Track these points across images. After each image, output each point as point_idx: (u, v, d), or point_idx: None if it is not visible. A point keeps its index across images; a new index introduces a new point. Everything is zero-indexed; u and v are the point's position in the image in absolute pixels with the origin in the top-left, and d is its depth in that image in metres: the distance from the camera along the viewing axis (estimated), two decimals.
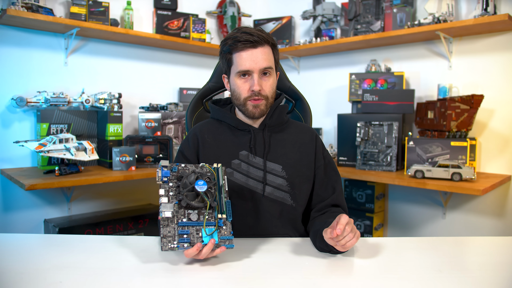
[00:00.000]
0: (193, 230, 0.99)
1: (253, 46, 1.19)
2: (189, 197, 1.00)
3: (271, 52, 1.23)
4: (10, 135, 2.25)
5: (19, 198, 2.28)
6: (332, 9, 2.87)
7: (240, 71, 1.21)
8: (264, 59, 1.20)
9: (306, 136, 1.32)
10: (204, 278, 0.94)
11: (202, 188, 1.00)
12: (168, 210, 0.99)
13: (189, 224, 0.99)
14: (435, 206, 2.50)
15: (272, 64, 1.22)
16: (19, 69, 2.28)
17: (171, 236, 0.97)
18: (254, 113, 1.23)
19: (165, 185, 1.01)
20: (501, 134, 2.26)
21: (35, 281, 0.90)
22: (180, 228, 0.98)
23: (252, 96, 1.21)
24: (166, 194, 1.01)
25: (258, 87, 1.19)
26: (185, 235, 0.98)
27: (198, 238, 0.98)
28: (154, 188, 2.85)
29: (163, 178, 1.02)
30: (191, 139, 1.29)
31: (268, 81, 1.23)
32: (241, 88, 1.22)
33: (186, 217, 1.00)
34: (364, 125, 2.44)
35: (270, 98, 1.24)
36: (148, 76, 2.83)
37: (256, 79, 1.20)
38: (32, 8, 2.13)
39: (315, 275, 0.97)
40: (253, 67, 1.19)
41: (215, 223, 1.01)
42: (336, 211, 1.25)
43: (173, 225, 0.98)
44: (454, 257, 1.12)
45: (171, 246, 0.96)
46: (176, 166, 1.04)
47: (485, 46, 2.31)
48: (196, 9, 3.04)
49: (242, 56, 1.20)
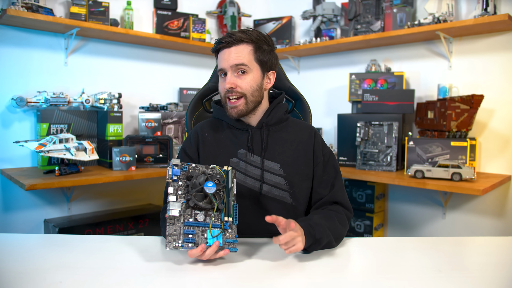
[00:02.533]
0: (199, 230, 0.99)
1: (227, 46, 1.23)
2: (197, 197, 1.00)
3: (249, 50, 1.23)
4: (10, 135, 2.25)
5: (19, 198, 2.28)
6: (332, 9, 2.87)
7: (218, 71, 1.26)
8: (236, 57, 1.21)
9: (304, 134, 1.32)
10: (204, 278, 0.94)
11: (211, 190, 1.00)
12: (176, 209, 0.99)
13: (195, 225, 0.99)
14: (435, 206, 2.50)
15: (246, 61, 1.22)
16: (19, 69, 2.28)
17: (176, 235, 0.97)
18: (231, 113, 1.25)
19: (174, 184, 1.01)
20: (501, 134, 2.26)
21: (35, 281, 0.90)
22: (186, 228, 0.99)
23: (227, 94, 1.23)
24: (175, 193, 1.00)
25: (228, 84, 1.21)
26: (190, 235, 0.98)
27: (203, 239, 0.99)
28: (154, 188, 2.85)
29: (173, 177, 1.01)
30: (193, 137, 1.31)
31: (245, 79, 1.23)
32: (220, 87, 1.28)
33: (192, 217, 1.00)
34: (364, 125, 2.44)
35: (250, 96, 1.24)
36: (148, 76, 2.83)
37: (228, 77, 1.22)
38: (32, 8, 2.13)
39: (315, 275, 0.97)
40: (225, 65, 1.22)
41: (221, 225, 1.01)
42: (333, 209, 1.23)
43: (179, 224, 0.98)
44: (454, 257, 1.12)
45: (175, 245, 0.96)
46: (186, 165, 1.03)
47: (485, 46, 2.31)
48: (196, 9, 3.04)
49: (219, 56, 1.26)
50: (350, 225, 2.63)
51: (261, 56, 1.25)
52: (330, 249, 1.14)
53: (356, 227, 2.64)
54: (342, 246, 1.18)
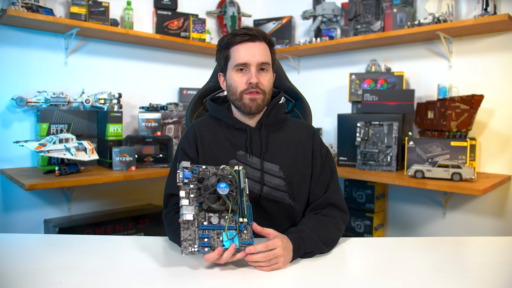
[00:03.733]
0: (214, 233, 0.97)
1: (251, 40, 1.20)
2: (211, 199, 0.98)
3: (268, 49, 1.24)
4: (10, 135, 2.25)
5: (19, 198, 2.28)
6: (332, 9, 2.87)
7: (237, 64, 1.20)
8: (262, 53, 1.20)
9: (303, 134, 1.31)
10: (204, 278, 0.94)
11: (224, 191, 0.97)
12: (190, 213, 0.96)
13: (210, 228, 0.96)
14: (435, 206, 2.50)
15: (269, 61, 1.23)
16: (19, 69, 2.28)
17: (192, 240, 0.94)
18: (251, 106, 1.21)
19: (185, 187, 0.98)
20: (501, 134, 2.26)
21: (35, 281, 0.90)
22: (201, 232, 0.96)
23: (249, 89, 1.20)
24: (187, 196, 0.98)
25: (255, 79, 1.19)
26: (205, 239, 0.95)
27: (219, 242, 0.96)
28: (154, 188, 2.85)
29: (184, 180, 0.99)
30: (191, 136, 1.28)
31: (266, 76, 1.22)
32: (237, 82, 1.21)
33: (207, 220, 0.97)
34: (364, 125, 2.44)
35: (267, 94, 1.23)
36: (148, 76, 2.83)
37: (253, 72, 1.19)
38: (32, 8, 2.13)
39: (315, 275, 0.97)
40: (251, 60, 1.19)
41: (236, 227, 0.98)
42: (328, 214, 1.21)
43: (193, 228, 0.95)
44: (454, 257, 1.12)
45: (191, 250, 0.93)
46: (196, 167, 1.01)
47: (485, 46, 2.31)
48: (196, 9, 3.04)
49: (239, 49, 1.20)
50: (350, 225, 2.65)
51: (273, 57, 1.27)
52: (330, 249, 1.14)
53: (356, 227, 2.64)
54: (342, 246, 1.18)
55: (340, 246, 1.17)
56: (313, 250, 1.07)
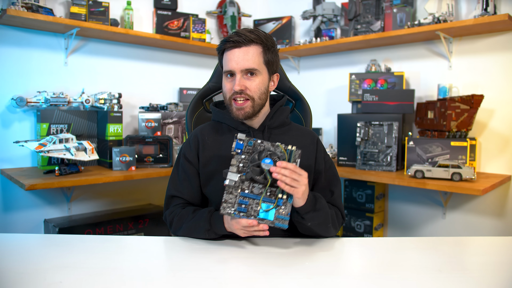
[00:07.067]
0: (253, 202, 1.05)
1: (236, 46, 1.20)
2: (254, 172, 1.04)
3: (259, 52, 1.21)
4: (10, 135, 2.25)
5: (19, 198, 2.28)
6: (332, 9, 2.87)
7: (225, 71, 1.23)
8: (247, 59, 1.19)
9: (307, 139, 1.31)
10: (204, 278, 0.94)
11: (267, 166, 1.03)
12: (233, 179, 1.05)
13: (250, 196, 1.05)
14: (435, 206, 2.50)
15: (256, 65, 1.20)
16: (19, 69, 2.28)
17: (231, 203, 1.04)
18: (237, 115, 1.23)
19: (238, 156, 1.07)
20: (501, 134, 2.26)
21: (35, 281, 0.90)
22: (241, 198, 1.05)
23: (234, 96, 1.21)
24: (236, 164, 1.06)
25: (238, 87, 1.19)
26: (243, 205, 1.04)
27: (255, 211, 1.04)
28: (154, 188, 2.85)
29: (236, 149, 1.07)
30: (192, 141, 1.29)
31: (254, 82, 1.21)
32: (226, 88, 1.24)
33: (249, 189, 1.05)
34: (364, 125, 2.44)
35: (258, 99, 1.22)
36: (148, 76, 2.83)
37: (238, 79, 1.19)
38: (32, 8, 2.13)
39: (315, 275, 0.97)
40: (234, 67, 1.20)
41: (275, 201, 1.05)
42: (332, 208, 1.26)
43: (235, 193, 1.05)
44: (454, 257, 1.12)
45: (228, 211, 1.04)
46: (252, 140, 1.08)
47: (485, 46, 2.31)
48: (196, 9, 3.04)
49: (227, 56, 1.22)
50: (350, 225, 2.65)
51: (269, 58, 1.23)
52: (330, 249, 1.14)
53: (356, 227, 2.64)
54: (342, 246, 1.18)
55: (340, 246, 1.17)
56: (321, 209, 1.13)
